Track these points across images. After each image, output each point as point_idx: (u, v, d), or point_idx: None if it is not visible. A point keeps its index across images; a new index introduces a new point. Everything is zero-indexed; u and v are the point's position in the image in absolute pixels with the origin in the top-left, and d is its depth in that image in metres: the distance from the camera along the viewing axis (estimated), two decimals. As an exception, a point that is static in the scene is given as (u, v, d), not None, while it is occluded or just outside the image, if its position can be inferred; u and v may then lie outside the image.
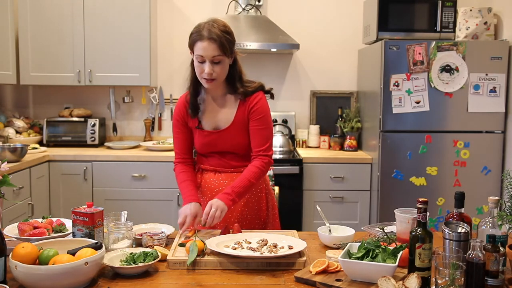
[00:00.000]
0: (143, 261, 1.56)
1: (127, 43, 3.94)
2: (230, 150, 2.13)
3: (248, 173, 2.05)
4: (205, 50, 1.93)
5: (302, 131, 4.34)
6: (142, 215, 3.55)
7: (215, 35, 1.92)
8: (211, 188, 2.16)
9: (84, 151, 3.83)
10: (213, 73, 1.96)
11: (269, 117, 2.13)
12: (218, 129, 2.11)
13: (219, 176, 2.16)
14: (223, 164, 2.15)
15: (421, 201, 1.44)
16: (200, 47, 1.93)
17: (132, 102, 4.32)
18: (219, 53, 1.94)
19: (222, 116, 2.11)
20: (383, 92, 3.51)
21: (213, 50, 1.92)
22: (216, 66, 1.96)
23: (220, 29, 1.94)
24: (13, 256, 1.42)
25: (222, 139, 2.10)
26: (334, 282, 1.46)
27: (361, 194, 3.75)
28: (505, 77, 3.48)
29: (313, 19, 4.33)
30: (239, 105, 2.09)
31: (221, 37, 1.92)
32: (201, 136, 2.13)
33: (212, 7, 4.27)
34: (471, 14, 3.59)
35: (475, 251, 1.39)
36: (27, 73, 3.95)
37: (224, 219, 2.10)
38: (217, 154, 2.15)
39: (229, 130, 2.10)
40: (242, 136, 2.10)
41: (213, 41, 1.92)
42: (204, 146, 2.14)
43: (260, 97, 2.10)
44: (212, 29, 1.93)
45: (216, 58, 1.94)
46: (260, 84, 2.13)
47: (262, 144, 2.09)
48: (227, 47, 1.95)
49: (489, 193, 3.15)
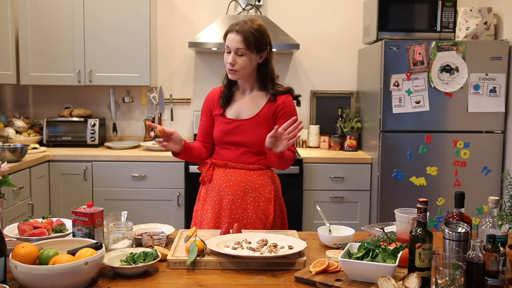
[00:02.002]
0: (143, 261, 1.56)
1: (127, 43, 3.94)
2: (245, 143, 2.16)
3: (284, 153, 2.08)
4: (230, 41, 2.09)
5: (302, 131, 4.33)
6: (142, 215, 3.55)
7: (243, 29, 2.08)
8: (219, 183, 2.18)
9: (84, 151, 3.83)
10: (236, 64, 2.09)
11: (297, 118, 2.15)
12: (240, 119, 2.17)
13: (228, 172, 2.18)
14: (235, 158, 2.18)
15: (421, 201, 1.44)
16: (229, 38, 2.11)
17: (132, 102, 4.32)
18: (243, 46, 2.07)
19: (247, 107, 2.19)
20: (383, 92, 3.51)
21: (237, 42, 2.07)
22: (239, 58, 2.09)
23: (252, 26, 2.09)
24: (13, 256, 1.42)
25: (242, 129, 2.16)
26: (334, 282, 1.46)
27: (361, 194, 3.75)
28: (505, 77, 3.48)
29: (313, 19, 4.33)
30: (267, 102, 2.18)
31: (248, 32, 2.07)
32: (222, 123, 2.20)
33: (212, 7, 4.27)
34: (471, 14, 3.59)
35: (475, 251, 1.39)
36: (27, 73, 3.95)
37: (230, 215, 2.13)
38: (232, 146, 2.18)
39: (251, 121, 2.16)
40: (262, 130, 2.13)
41: (239, 34, 2.07)
42: (222, 133, 2.19)
43: (290, 98, 2.22)
44: (244, 25, 2.09)
45: (240, 50, 2.08)
46: (290, 88, 2.25)
47: None
48: (252, 43, 2.07)
49: (489, 193, 3.15)
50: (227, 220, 2.14)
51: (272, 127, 2.05)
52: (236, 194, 2.16)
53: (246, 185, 2.17)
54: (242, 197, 2.16)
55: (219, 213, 2.16)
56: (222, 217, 2.16)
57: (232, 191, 2.16)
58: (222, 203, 2.17)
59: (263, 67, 2.17)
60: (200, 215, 2.23)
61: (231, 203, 2.16)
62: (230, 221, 2.13)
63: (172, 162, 3.65)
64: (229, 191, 2.16)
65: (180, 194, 3.68)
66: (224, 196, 2.17)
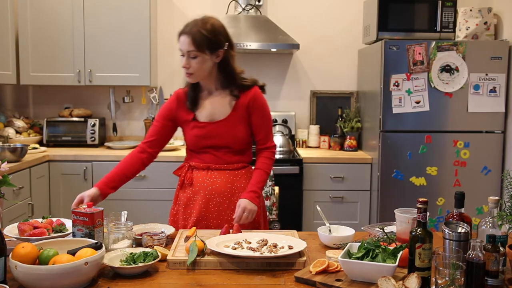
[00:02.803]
0: (143, 261, 1.56)
1: (127, 43, 3.94)
2: (225, 144, 2.13)
3: (263, 165, 2.17)
4: (182, 44, 2.05)
5: (302, 131, 4.34)
6: (142, 215, 3.54)
7: (192, 31, 2.01)
8: (204, 187, 2.14)
9: (84, 151, 3.83)
10: (190, 67, 2.04)
11: (269, 109, 2.21)
12: (214, 120, 2.12)
13: (211, 174, 2.15)
14: (217, 160, 2.14)
15: (421, 201, 1.44)
16: (180, 40, 2.06)
17: (132, 102, 4.32)
18: (194, 49, 2.01)
19: (219, 108, 2.13)
20: (383, 92, 3.51)
21: (188, 44, 2.02)
22: (193, 61, 2.03)
23: (203, 27, 2.03)
24: (13, 256, 1.42)
25: (219, 130, 2.11)
26: (334, 282, 1.46)
27: (361, 194, 3.75)
28: (505, 77, 3.48)
29: (313, 19, 4.33)
30: (236, 99, 2.13)
31: (197, 33, 2.01)
32: (196, 128, 2.13)
33: (212, 7, 4.27)
34: (471, 14, 3.59)
35: (475, 251, 1.39)
36: (27, 73, 3.95)
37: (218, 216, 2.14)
38: (211, 149, 2.14)
39: (226, 121, 2.12)
40: (239, 128, 2.12)
41: (188, 36, 2.02)
42: (199, 139, 2.13)
43: (258, 91, 2.17)
44: (194, 26, 2.03)
45: (192, 53, 2.03)
46: (254, 80, 2.20)
47: (268, 136, 2.20)
48: (203, 45, 2.01)
49: (489, 193, 3.14)
50: (215, 222, 2.13)
51: (247, 122, 2.11)
52: (224, 196, 2.14)
53: (233, 186, 2.15)
54: (229, 198, 2.15)
55: (205, 216, 2.14)
56: (210, 219, 2.14)
57: (219, 193, 2.14)
58: (208, 206, 2.14)
59: (223, 66, 2.10)
60: (182, 219, 2.18)
61: (218, 205, 2.14)
62: (219, 222, 2.13)
63: (172, 162, 3.64)
64: (215, 193, 2.14)
65: (180, 194, 3.67)
66: (210, 199, 2.14)
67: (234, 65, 2.14)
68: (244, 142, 2.16)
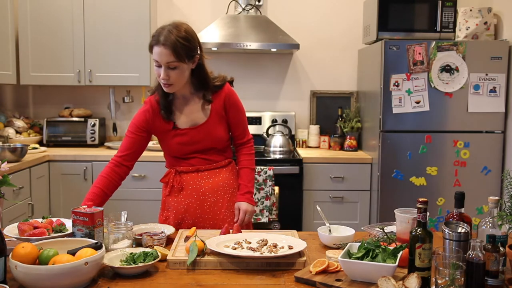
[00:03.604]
0: (143, 261, 1.56)
1: (127, 43, 3.94)
2: (210, 146, 2.13)
3: (247, 162, 2.22)
4: (159, 55, 1.93)
5: (302, 131, 4.34)
6: (142, 215, 3.54)
7: (170, 41, 1.91)
8: (197, 189, 2.14)
9: (84, 151, 3.83)
10: (169, 78, 1.96)
11: (241, 103, 2.21)
12: (196, 125, 2.10)
13: (202, 175, 2.14)
14: (205, 162, 2.14)
15: (421, 201, 1.44)
16: (156, 52, 1.94)
17: (132, 102, 4.32)
18: (174, 60, 1.93)
19: (197, 112, 2.11)
20: (383, 92, 3.51)
21: (167, 56, 1.92)
22: (172, 72, 1.96)
23: (179, 35, 1.93)
24: (13, 256, 1.42)
25: (202, 134, 2.10)
26: (334, 282, 1.46)
27: (361, 194, 3.75)
28: (505, 77, 3.48)
29: (313, 19, 4.33)
30: (212, 99, 2.11)
31: (176, 44, 1.91)
32: (178, 136, 2.10)
33: (212, 7, 4.27)
34: (471, 14, 3.59)
35: (475, 251, 1.39)
36: (27, 73, 3.95)
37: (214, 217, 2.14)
38: (198, 152, 2.13)
39: (207, 124, 2.11)
40: (220, 128, 2.13)
41: (167, 48, 1.91)
42: (184, 145, 2.10)
43: (230, 88, 2.17)
44: (169, 35, 1.92)
45: (171, 64, 1.94)
46: (224, 77, 2.16)
47: (245, 131, 2.24)
48: (182, 55, 1.94)
49: (489, 193, 3.15)
50: (211, 223, 2.13)
51: (226, 120, 2.13)
52: (217, 195, 2.15)
53: (224, 184, 2.16)
54: (223, 196, 2.16)
55: (201, 217, 2.13)
56: (206, 220, 2.14)
57: (212, 193, 2.14)
58: (203, 207, 2.14)
59: (197, 71, 2.06)
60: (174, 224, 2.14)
61: (213, 205, 2.14)
62: (215, 222, 2.13)
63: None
64: (209, 194, 2.13)
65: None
66: (204, 200, 2.13)
67: (206, 68, 2.11)
68: (226, 140, 2.18)
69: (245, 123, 2.23)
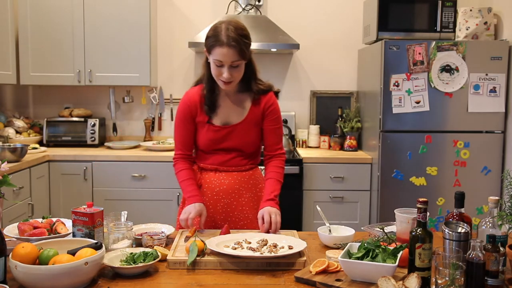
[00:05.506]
0: (143, 261, 1.56)
1: (127, 43, 3.94)
2: (237, 147, 2.12)
3: (275, 174, 2.13)
4: (224, 56, 1.92)
5: (302, 131, 4.34)
6: (142, 215, 3.54)
7: (234, 41, 1.91)
8: (212, 188, 2.14)
9: (84, 151, 3.83)
10: (231, 77, 1.97)
11: (281, 117, 2.22)
12: (229, 124, 2.10)
13: (219, 176, 2.14)
14: (226, 162, 2.13)
15: (421, 201, 1.44)
16: (219, 52, 1.92)
17: (132, 102, 4.32)
18: (238, 58, 1.94)
19: (235, 112, 2.11)
20: (383, 92, 3.51)
21: (232, 56, 1.93)
22: (234, 70, 1.97)
23: (238, 33, 1.93)
24: (13, 256, 1.42)
25: (233, 134, 2.10)
26: (334, 282, 1.46)
27: (361, 194, 3.75)
28: (505, 77, 3.48)
29: (313, 19, 4.33)
30: (252, 102, 2.12)
31: (240, 42, 1.92)
32: (210, 131, 2.10)
33: (212, 7, 4.27)
34: (471, 14, 3.59)
35: (475, 251, 1.39)
36: (27, 73, 3.95)
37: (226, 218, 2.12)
38: (222, 151, 2.12)
39: (241, 125, 2.10)
40: (252, 133, 2.12)
41: (232, 48, 1.91)
42: (212, 142, 2.11)
43: (273, 97, 2.18)
44: (231, 34, 1.91)
45: (235, 63, 1.95)
46: (270, 85, 2.19)
47: (278, 142, 2.19)
48: (245, 52, 1.96)
49: (489, 193, 3.15)
50: (223, 224, 2.11)
51: (260, 126, 2.10)
52: (231, 197, 2.13)
53: (240, 187, 2.14)
54: (237, 199, 2.14)
55: (213, 217, 2.13)
56: (217, 220, 2.13)
57: (226, 195, 2.13)
58: (216, 207, 2.13)
59: (248, 66, 2.05)
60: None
61: (226, 206, 2.13)
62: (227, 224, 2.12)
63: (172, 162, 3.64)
64: (223, 194, 2.13)
65: (180, 194, 3.67)
66: (218, 200, 2.13)
67: (255, 64, 2.11)
68: (255, 145, 2.16)
69: (280, 136, 2.20)
